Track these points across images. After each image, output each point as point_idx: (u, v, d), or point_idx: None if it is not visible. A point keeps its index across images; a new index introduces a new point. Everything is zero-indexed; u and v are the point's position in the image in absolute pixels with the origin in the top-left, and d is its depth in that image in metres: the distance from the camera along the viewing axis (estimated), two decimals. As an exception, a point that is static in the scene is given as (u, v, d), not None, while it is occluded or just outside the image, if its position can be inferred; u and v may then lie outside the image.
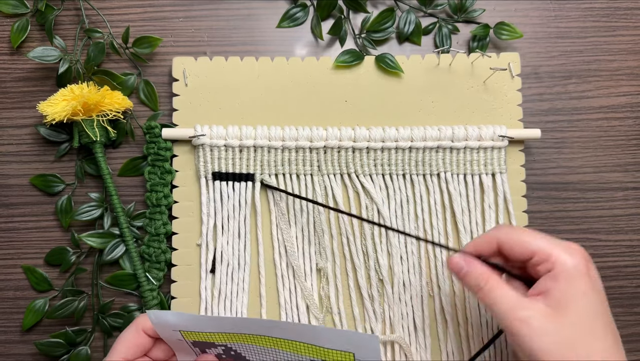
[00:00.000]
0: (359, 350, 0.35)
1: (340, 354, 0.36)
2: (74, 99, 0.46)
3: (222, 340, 0.38)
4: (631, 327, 0.50)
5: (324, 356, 0.36)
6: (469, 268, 0.37)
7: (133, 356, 0.38)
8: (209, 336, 0.38)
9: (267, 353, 0.38)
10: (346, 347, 0.35)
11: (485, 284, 0.35)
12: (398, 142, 0.48)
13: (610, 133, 0.52)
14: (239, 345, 0.39)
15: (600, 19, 0.53)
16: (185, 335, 0.38)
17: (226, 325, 0.37)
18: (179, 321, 0.38)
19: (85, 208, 0.49)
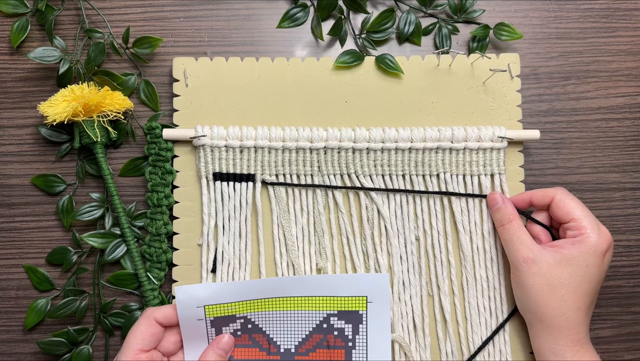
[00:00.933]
0: (371, 292, 0.39)
1: (355, 300, 0.40)
2: (74, 100, 0.46)
3: (244, 310, 0.41)
4: (629, 326, 0.51)
5: (339, 306, 0.40)
6: (503, 204, 0.45)
7: (149, 346, 0.40)
8: (232, 307, 0.40)
9: (285, 318, 0.41)
10: (360, 292, 0.40)
11: (508, 222, 0.44)
12: (398, 143, 0.48)
13: (608, 134, 0.52)
14: (258, 314, 0.41)
15: (600, 20, 0.53)
16: (209, 310, 0.40)
17: (252, 289, 0.40)
18: (207, 294, 0.40)
19: (86, 208, 0.49)
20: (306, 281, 0.40)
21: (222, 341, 0.42)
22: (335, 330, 0.40)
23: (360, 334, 0.39)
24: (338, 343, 0.40)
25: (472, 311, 0.48)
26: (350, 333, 0.40)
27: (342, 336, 0.40)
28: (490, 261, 0.49)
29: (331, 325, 0.40)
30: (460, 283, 0.49)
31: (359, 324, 0.40)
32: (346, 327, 0.40)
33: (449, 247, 0.49)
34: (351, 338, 0.40)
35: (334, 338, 0.40)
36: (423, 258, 0.49)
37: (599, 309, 0.51)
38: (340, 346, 0.40)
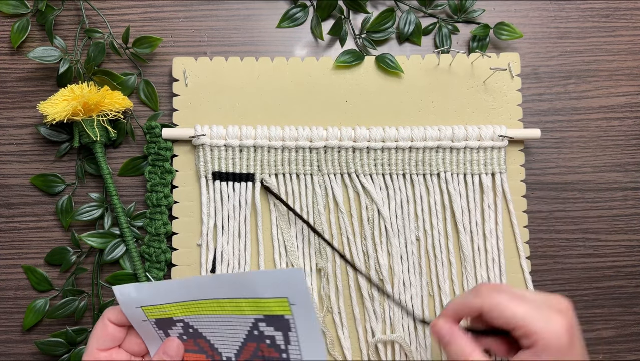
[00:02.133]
0: (290, 291, 0.36)
1: (277, 302, 0.36)
2: (74, 99, 0.46)
3: (179, 313, 0.39)
4: (631, 327, 0.50)
5: (264, 310, 0.37)
6: (451, 338, 0.36)
7: (104, 346, 0.40)
8: (165, 309, 0.39)
9: (219, 323, 0.39)
10: (279, 292, 0.36)
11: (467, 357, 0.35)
12: (398, 142, 0.48)
13: (609, 133, 0.52)
14: (194, 318, 0.39)
15: (600, 19, 0.53)
16: (148, 312, 0.39)
17: (179, 290, 0.38)
18: (139, 294, 0.39)
19: (85, 208, 0.49)
20: (223, 281, 0.37)
21: (169, 347, 0.40)
22: (267, 338, 0.38)
23: (292, 344, 0.37)
24: (273, 354, 0.38)
25: (473, 311, 0.48)
26: (282, 342, 0.37)
27: (274, 346, 0.38)
28: (491, 261, 0.48)
29: (262, 332, 0.38)
30: (461, 283, 0.49)
31: (289, 332, 0.37)
32: (277, 335, 0.37)
33: (450, 247, 0.49)
34: (284, 348, 0.37)
35: (267, 348, 0.38)
36: (423, 258, 0.49)
37: (601, 310, 0.50)
38: (276, 358, 0.38)
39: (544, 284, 0.50)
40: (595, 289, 0.51)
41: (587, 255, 0.51)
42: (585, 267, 0.51)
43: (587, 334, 0.50)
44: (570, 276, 0.51)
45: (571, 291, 0.50)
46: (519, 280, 0.49)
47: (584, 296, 0.50)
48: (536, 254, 0.50)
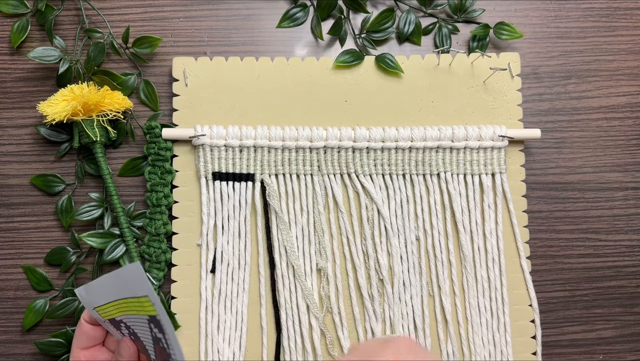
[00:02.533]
0: (141, 287, 0.36)
1: (146, 301, 0.36)
2: (74, 99, 0.46)
3: (116, 313, 0.39)
4: (631, 327, 0.50)
5: (146, 310, 0.37)
6: None
7: (84, 344, 0.41)
8: (108, 310, 0.39)
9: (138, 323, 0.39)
10: (137, 290, 0.36)
11: None
12: (398, 142, 0.48)
13: (610, 133, 0.52)
14: (126, 318, 0.39)
15: (600, 19, 0.53)
16: (102, 312, 0.39)
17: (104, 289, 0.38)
18: (88, 296, 0.39)
19: (85, 208, 0.49)
20: (107, 282, 0.37)
21: (122, 346, 0.40)
22: (159, 340, 0.38)
23: (170, 345, 0.37)
24: (165, 356, 0.38)
25: (473, 311, 0.48)
26: (166, 345, 0.38)
27: (165, 347, 0.38)
28: (491, 261, 0.48)
29: (155, 332, 0.38)
30: (461, 283, 0.49)
31: (164, 334, 0.37)
32: (161, 337, 0.38)
33: (450, 247, 0.49)
34: (169, 351, 0.38)
35: (163, 351, 0.38)
36: (423, 258, 0.49)
37: (601, 310, 0.50)
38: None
39: (544, 284, 0.50)
40: (595, 289, 0.51)
41: (587, 255, 0.51)
42: (585, 267, 0.51)
43: (587, 334, 0.50)
44: (570, 276, 0.51)
45: (571, 291, 0.50)
46: (519, 280, 0.49)
47: (584, 296, 0.50)
48: (536, 254, 0.50)
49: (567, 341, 0.50)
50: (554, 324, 0.50)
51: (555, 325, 0.50)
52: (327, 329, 0.48)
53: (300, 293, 0.48)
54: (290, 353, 0.48)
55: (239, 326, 0.48)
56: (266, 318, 0.48)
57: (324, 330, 0.48)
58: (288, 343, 0.48)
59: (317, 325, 0.48)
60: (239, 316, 0.48)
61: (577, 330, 0.50)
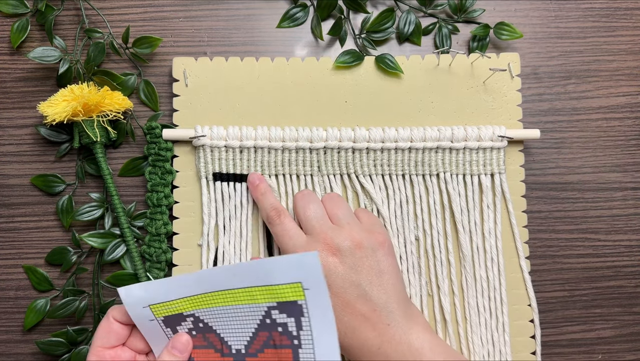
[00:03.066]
0: (304, 275, 0.36)
1: (291, 287, 0.36)
2: (74, 100, 0.46)
3: (189, 308, 0.39)
4: (630, 327, 0.50)
5: (277, 296, 0.37)
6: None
7: (109, 343, 0.40)
8: (176, 305, 0.39)
9: (230, 314, 0.39)
10: (292, 276, 0.36)
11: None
12: (398, 142, 0.48)
13: (609, 133, 0.52)
14: (205, 311, 0.39)
15: (600, 19, 0.53)
16: (156, 310, 0.39)
17: (190, 284, 0.38)
18: (147, 293, 0.39)
19: (86, 208, 0.49)
20: (237, 270, 0.37)
21: (177, 341, 0.40)
22: (279, 325, 0.38)
23: (304, 330, 0.37)
24: (284, 342, 0.38)
25: (472, 311, 0.48)
26: (294, 328, 0.37)
27: (287, 333, 0.37)
28: (490, 261, 0.49)
29: (274, 319, 0.38)
30: (460, 283, 0.49)
31: (301, 317, 0.37)
32: (289, 322, 0.37)
33: (449, 247, 0.49)
34: (296, 334, 0.37)
35: (279, 336, 0.38)
36: (423, 257, 0.49)
37: (600, 309, 0.51)
38: (287, 346, 0.38)
39: (543, 284, 0.50)
40: (594, 289, 0.51)
41: (587, 255, 0.51)
42: (585, 267, 0.51)
43: (586, 334, 0.50)
44: (569, 276, 0.51)
45: (570, 291, 0.51)
46: (518, 280, 0.49)
47: (583, 296, 0.51)
48: (535, 254, 0.51)
49: (566, 341, 0.50)
50: (553, 324, 0.50)
51: (555, 325, 0.50)
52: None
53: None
54: (290, 352, 0.48)
55: (239, 326, 0.48)
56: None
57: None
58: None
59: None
60: (239, 316, 0.48)
61: (576, 330, 0.50)
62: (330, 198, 0.46)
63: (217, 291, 0.38)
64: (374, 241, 0.42)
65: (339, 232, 0.42)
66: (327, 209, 0.45)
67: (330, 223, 0.43)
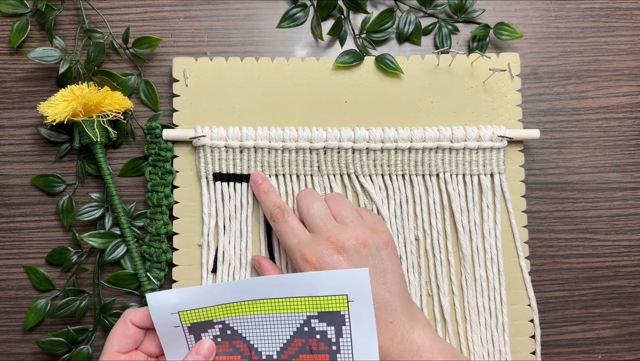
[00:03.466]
0: (351, 288, 0.37)
1: (335, 299, 0.37)
2: (74, 100, 0.46)
3: (221, 315, 0.39)
4: (630, 326, 0.51)
5: (319, 307, 0.37)
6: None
7: (126, 348, 0.40)
8: (208, 312, 0.39)
9: (264, 322, 0.39)
10: (340, 290, 0.37)
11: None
12: (397, 142, 0.48)
13: (609, 133, 0.52)
14: (236, 319, 0.39)
15: (600, 20, 0.53)
16: (184, 316, 0.39)
17: (227, 293, 0.38)
18: (181, 299, 0.39)
19: (86, 208, 0.49)
20: (284, 281, 0.38)
21: (202, 347, 0.40)
22: (317, 333, 0.38)
23: (344, 337, 0.37)
24: (321, 348, 0.38)
25: (472, 311, 0.48)
26: (333, 336, 0.37)
27: (325, 340, 0.38)
28: (490, 261, 0.49)
29: (312, 327, 0.38)
30: (460, 282, 0.49)
31: (342, 326, 0.37)
32: (328, 330, 0.37)
33: (449, 247, 0.49)
34: (335, 341, 0.37)
35: (316, 343, 0.38)
36: (423, 257, 0.49)
37: (599, 309, 0.51)
38: (324, 351, 0.38)
39: (543, 284, 0.51)
40: (594, 289, 0.51)
41: (586, 255, 0.51)
42: (584, 267, 0.51)
43: (585, 333, 0.50)
44: (569, 276, 0.51)
45: (570, 291, 0.51)
46: (518, 280, 0.49)
47: (583, 296, 0.51)
48: (535, 254, 0.51)
49: (566, 341, 0.50)
50: (553, 323, 0.50)
51: (554, 325, 0.50)
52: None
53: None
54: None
55: (239, 325, 0.48)
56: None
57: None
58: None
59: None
60: (240, 316, 0.48)
61: (575, 330, 0.50)
62: (333, 197, 0.46)
63: (255, 300, 0.38)
64: (378, 240, 0.42)
65: (344, 230, 0.42)
66: (331, 208, 0.45)
67: (335, 222, 0.44)
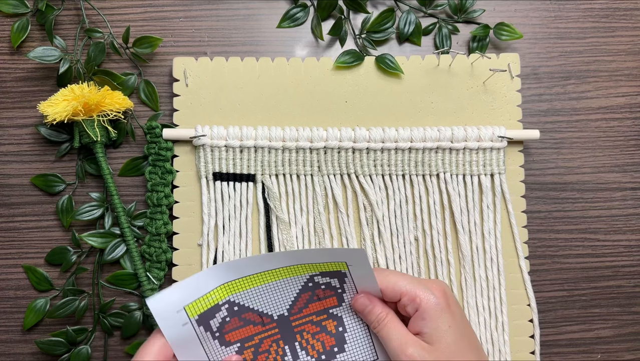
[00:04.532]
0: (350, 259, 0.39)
1: (335, 265, 0.39)
2: (74, 99, 0.46)
3: (225, 295, 0.39)
4: (629, 326, 0.51)
5: (320, 269, 0.40)
6: (372, 305, 0.41)
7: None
8: (212, 296, 0.39)
9: (268, 290, 0.40)
10: (340, 258, 0.39)
11: (381, 321, 0.40)
12: (398, 142, 0.48)
13: (608, 134, 0.52)
14: (240, 295, 0.40)
15: (600, 20, 0.53)
16: (190, 310, 0.39)
17: (228, 272, 0.39)
18: (183, 293, 0.38)
19: (86, 208, 0.49)
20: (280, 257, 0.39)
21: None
22: (322, 285, 0.40)
23: (347, 283, 0.40)
24: (327, 293, 0.41)
25: (472, 310, 0.48)
26: (337, 283, 0.40)
27: (330, 288, 0.40)
28: (489, 261, 0.49)
29: (317, 282, 0.40)
30: (460, 282, 0.49)
31: (344, 278, 0.40)
32: (332, 280, 0.40)
33: (449, 247, 0.49)
34: (339, 286, 0.40)
35: (323, 291, 0.41)
36: (422, 258, 0.49)
37: (599, 309, 0.51)
38: (330, 295, 0.41)
39: (543, 283, 0.51)
40: (593, 289, 0.51)
41: (586, 255, 0.51)
42: (584, 267, 0.51)
43: (585, 333, 0.50)
44: (568, 276, 0.51)
45: (569, 291, 0.51)
46: (518, 280, 0.49)
47: (582, 295, 0.51)
48: (535, 254, 0.51)
49: (566, 341, 0.50)
50: (553, 323, 0.50)
51: (554, 325, 0.50)
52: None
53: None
54: (290, 352, 0.48)
55: (239, 325, 0.48)
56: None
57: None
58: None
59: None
60: (239, 316, 0.48)
61: (575, 330, 0.50)
62: None
63: (255, 274, 0.39)
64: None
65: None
66: None
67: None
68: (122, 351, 0.49)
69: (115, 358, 0.49)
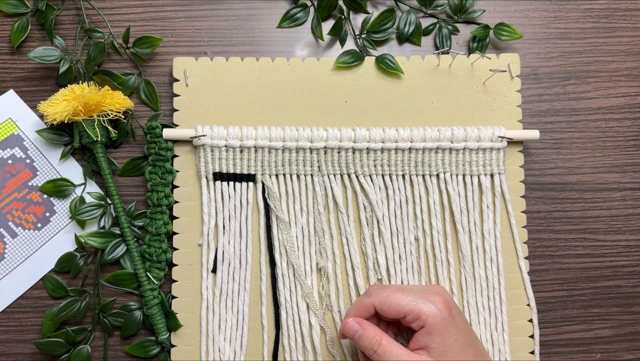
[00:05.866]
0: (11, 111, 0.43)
1: (2, 126, 0.42)
2: (74, 99, 0.46)
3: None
4: (628, 326, 0.51)
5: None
6: (363, 329, 0.41)
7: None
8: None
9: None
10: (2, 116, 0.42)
11: (378, 346, 0.40)
12: (398, 143, 0.48)
13: (608, 134, 0.52)
14: None
15: (600, 20, 0.53)
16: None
17: None
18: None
19: (86, 208, 0.49)
20: None
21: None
22: (7, 159, 0.43)
23: (30, 150, 0.43)
24: (18, 166, 0.44)
25: (471, 310, 0.48)
26: (21, 153, 0.44)
27: (17, 160, 0.44)
28: (489, 260, 0.49)
29: (1, 157, 0.43)
30: (460, 282, 0.49)
31: (23, 142, 0.44)
32: (14, 151, 0.44)
33: (449, 247, 0.49)
34: (25, 156, 0.44)
35: (11, 166, 0.44)
36: (423, 258, 0.49)
37: (598, 309, 0.51)
38: (21, 169, 0.44)
39: (542, 284, 0.51)
40: (592, 289, 0.51)
41: (585, 255, 0.51)
42: (583, 267, 0.51)
43: (584, 333, 0.51)
44: (568, 276, 0.51)
45: (569, 291, 0.51)
46: (517, 280, 0.49)
47: (582, 295, 0.51)
48: (534, 254, 0.51)
49: (565, 341, 0.50)
50: (552, 323, 0.51)
51: (553, 324, 0.51)
52: (327, 326, 0.48)
53: (300, 292, 0.48)
54: (291, 351, 0.48)
55: (240, 325, 0.48)
56: (267, 316, 0.48)
57: (324, 326, 0.48)
58: (288, 342, 0.48)
59: (317, 323, 0.48)
60: (240, 315, 0.48)
61: (574, 330, 0.51)
62: None
63: None
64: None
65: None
66: None
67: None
68: (122, 351, 0.49)
69: (115, 358, 0.49)
